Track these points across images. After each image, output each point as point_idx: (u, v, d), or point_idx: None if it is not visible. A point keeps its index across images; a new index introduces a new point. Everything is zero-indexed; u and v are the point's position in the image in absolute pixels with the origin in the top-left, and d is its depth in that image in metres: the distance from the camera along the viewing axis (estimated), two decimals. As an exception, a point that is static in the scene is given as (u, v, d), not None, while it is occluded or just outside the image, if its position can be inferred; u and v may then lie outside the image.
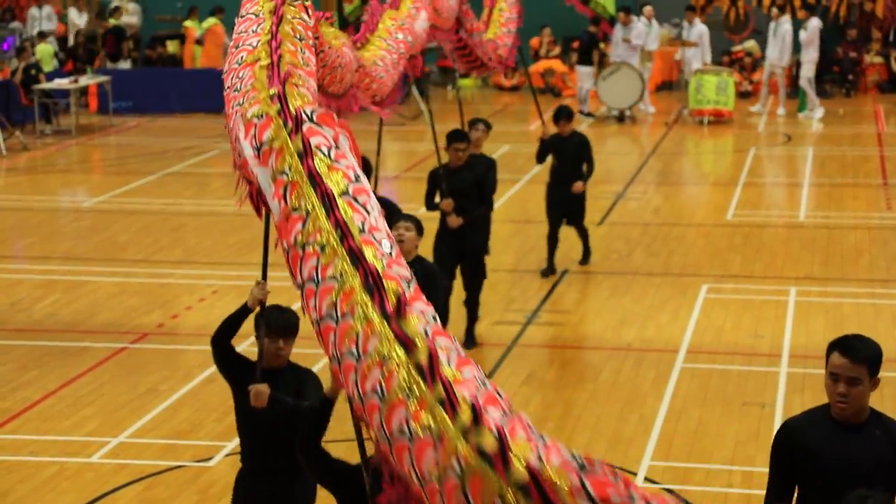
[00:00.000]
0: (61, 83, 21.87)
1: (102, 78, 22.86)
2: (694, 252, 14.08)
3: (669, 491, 7.88)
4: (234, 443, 8.83)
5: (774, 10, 23.49)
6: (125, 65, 25.23)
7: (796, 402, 9.52)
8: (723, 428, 9.11)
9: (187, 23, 25.89)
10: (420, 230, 8.24)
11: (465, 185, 10.86)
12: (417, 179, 18.48)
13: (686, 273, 13.18)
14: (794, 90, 23.96)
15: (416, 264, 8.05)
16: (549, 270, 13.03)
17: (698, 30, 23.97)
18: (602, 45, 23.92)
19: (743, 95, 24.79)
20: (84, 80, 22.30)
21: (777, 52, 23.02)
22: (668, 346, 10.88)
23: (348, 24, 26.93)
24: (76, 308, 11.88)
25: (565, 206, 13.06)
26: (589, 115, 23.27)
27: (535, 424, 4.25)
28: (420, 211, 16.26)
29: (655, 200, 16.93)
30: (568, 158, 13.07)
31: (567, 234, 14.97)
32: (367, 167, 8.88)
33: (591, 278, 13.04)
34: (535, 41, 27.48)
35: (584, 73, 23.25)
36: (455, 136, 11.02)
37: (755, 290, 12.55)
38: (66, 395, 9.64)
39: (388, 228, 3.85)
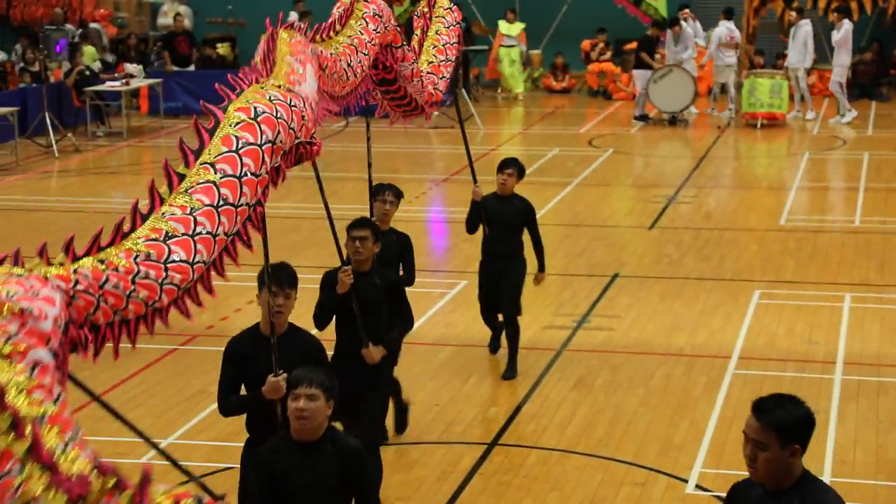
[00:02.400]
0: (113, 85, 22.06)
1: (154, 80, 23.04)
2: (746, 257, 13.98)
3: (720, 499, 7.83)
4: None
5: (794, 14, 23.35)
6: (188, 67, 25.34)
7: (850, 410, 9.43)
8: (775, 435, 9.02)
9: None
10: (376, 238, 7.98)
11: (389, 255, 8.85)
12: (466, 182, 18.48)
13: (738, 278, 13.08)
14: (847, 93, 23.73)
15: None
16: (493, 348, 10.77)
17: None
18: (658, 49, 23.82)
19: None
20: (135, 83, 22.49)
21: (798, 56, 22.94)
22: (720, 351, 10.81)
23: (398, 26, 27.00)
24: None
25: (495, 287, 10.20)
26: (644, 118, 23.17)
27: (585, 430, 4.24)
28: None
29: (707, 204, 16.83)
30: (505, 226, 10.12)
31: (619, 234, 14.92)
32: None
33: (641, 283, 12.98)
34: (585, 44, 27.41)
35: (642, 76, 23.14)
36: (381, 188, 9.17)
37: (809, 295, 12.44)
38: (117, 396, 9.72)
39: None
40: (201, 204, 4.35)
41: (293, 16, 25.07)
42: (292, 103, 4.81)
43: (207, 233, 4.34)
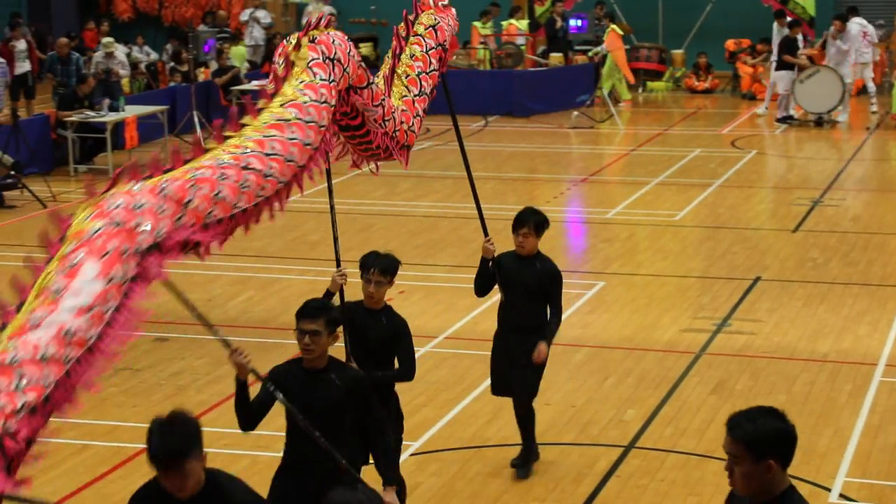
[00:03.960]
0: (259, 84, 22.44)
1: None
2: (895, 262, 13.60)
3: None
4: (421, 441, 8.93)
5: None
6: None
7: None
8: (923, 446, 8.77)
9: (476, 24, 26.20)
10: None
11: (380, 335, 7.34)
12: (604, 183, 18.37)
13: (886, 283, 12.73)
14: None
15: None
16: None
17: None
18: (801, 48, 23.34)
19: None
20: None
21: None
22: (866, 358, 10.53)
23: (539, 27, 26.95)
24: (268, 305, 12.17)
25: (508, 365, 8.35)
26: (789, 119, 22.72)
27: (724, 435, 4.17)
28: (611, 212, 16.21)
29: (855, 208, 16.42)
30: (523, 292, 8.29)
31: (762, 237, 14.65)
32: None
33: (785, 287, 12.71)
34: (729, 43, 26.98)
35: (783, 76, 22.71)
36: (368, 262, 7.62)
37: (960, 302, 12.05)
38: (258, 390, 9.86)
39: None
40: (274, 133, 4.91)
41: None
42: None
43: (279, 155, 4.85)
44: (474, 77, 24.79)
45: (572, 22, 24.01)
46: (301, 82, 5.22)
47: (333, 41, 5.50)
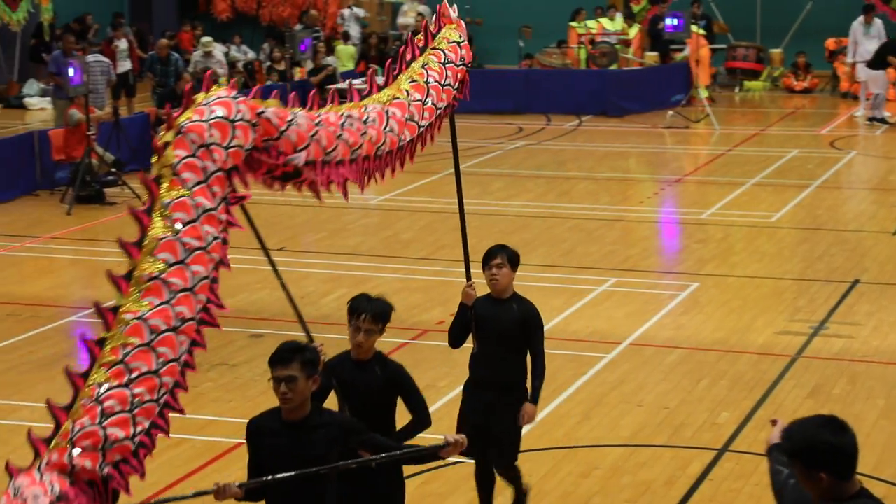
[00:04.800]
0: (355, 83, 22.61)
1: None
2: None
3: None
4: (510, 442, 8.91)
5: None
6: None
7: None
8: None
9: (573, 23, 26.17)
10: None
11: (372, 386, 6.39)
12: (699, 183, 18.18)
13: None
14: None
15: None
16: None
17: None
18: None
19: None
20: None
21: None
22: (968, 364, 10.30)
23: (637, 22, 26.77)
24: (361, 303, 12.22)
25: (484, 423, 7.22)
26: (882, 120, 22.30)
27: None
28: (706, 213, 16.04)
29: (956, 209, 16.06)
30: (500, 339, 7.23)
31: (861, 239, 14.39)
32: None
33: (885, 290, 12.47)
34: (830, 42, 26.55)
35: (877, 77, 22.28)
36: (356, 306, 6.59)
37: None
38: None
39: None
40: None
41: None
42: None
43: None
44: (568, 77, 24.73)
45: (669, 21, 23.77)
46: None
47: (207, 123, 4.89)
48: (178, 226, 4.80)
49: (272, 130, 5.21)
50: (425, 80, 6.24)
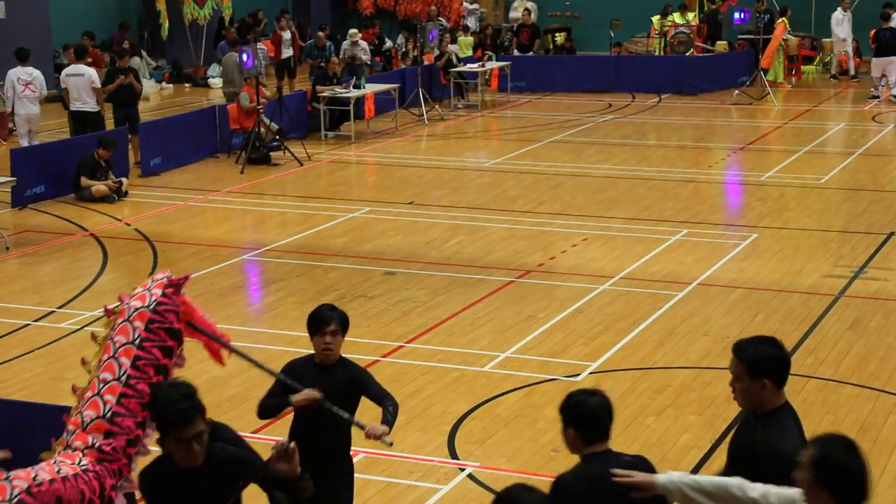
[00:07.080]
0: (472, 67, 22.50)
1: (504, 63, 23.32)
2: None
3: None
4: (599, 362, 8.88)
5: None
6: (528, 53, 25.45)
7: None
8: None
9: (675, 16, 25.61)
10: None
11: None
12: (759, 151, 17.75)
13: None
14: None
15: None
16: None
17: None
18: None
19: None
20: (490, 65, 22.83)
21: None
22: None
23: (706, 20, 26.11)
24: (475, 248, 12.25)
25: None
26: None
27: (858, 365, 4.02)
28: (764, 175, 15.66)
29: (982, 174, 15.42)
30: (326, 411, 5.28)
31: (896, 201, 13.94)
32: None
33: (916, 241, 12.08)
34: (873, 33, 25.53)
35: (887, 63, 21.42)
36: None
37: None
38: (466, 317, 9.98)
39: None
40: None
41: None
42: None
43: None
44: (651, 61, 24.40)
45: (735, 14, 23.41)
46: None
47: None
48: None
49: None
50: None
